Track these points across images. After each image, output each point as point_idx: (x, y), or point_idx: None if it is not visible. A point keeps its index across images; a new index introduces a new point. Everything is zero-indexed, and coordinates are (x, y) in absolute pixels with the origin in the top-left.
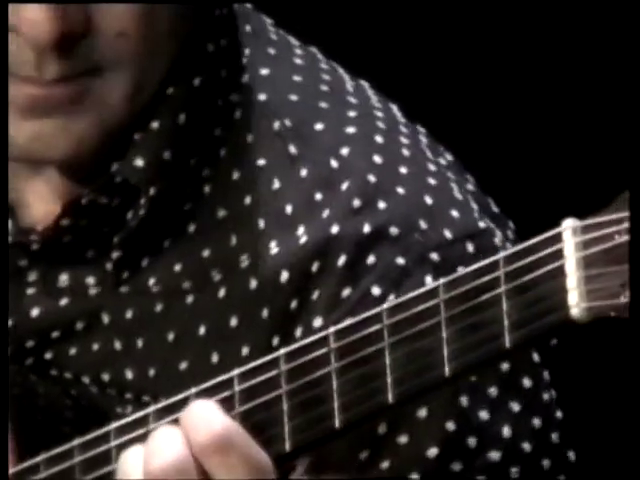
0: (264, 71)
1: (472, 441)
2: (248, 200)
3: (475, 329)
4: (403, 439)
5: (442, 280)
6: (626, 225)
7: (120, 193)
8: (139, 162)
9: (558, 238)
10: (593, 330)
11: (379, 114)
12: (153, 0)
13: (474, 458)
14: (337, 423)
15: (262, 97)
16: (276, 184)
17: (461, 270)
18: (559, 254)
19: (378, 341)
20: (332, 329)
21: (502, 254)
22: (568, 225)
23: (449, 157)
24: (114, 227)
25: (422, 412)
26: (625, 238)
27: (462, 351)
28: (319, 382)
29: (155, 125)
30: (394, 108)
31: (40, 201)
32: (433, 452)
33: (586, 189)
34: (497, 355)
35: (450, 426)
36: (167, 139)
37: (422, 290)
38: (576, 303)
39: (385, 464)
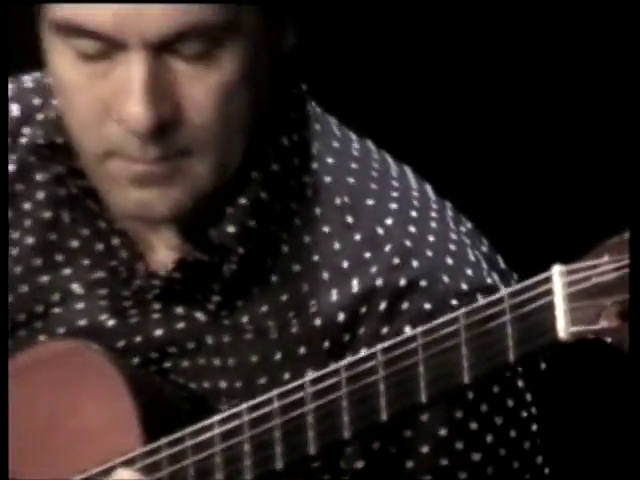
0: (329, 160)
1: (459, 445)
2: (316, 258)
3: (486, 347)
4: (408, 433)
5: (462, 310)
6: (601, 269)
7: (217, 252)
8: (230, 229)
9: (549, 279)
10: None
11: (415, 194)
12: None
13: (459, 458)
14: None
15: (327, 180)
16: (336, 246)
17: (475, 304)
18: (549, 291)
19: (413, 355)
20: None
21: (506, 290)
22: (556, 269)
23: (468, 225)
24: (214, 277)
25: (424, 417)
26: (599, 279)
27: (477, 364)
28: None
29: (242, 201)
30: (428, 188)
31: (164, 248)
32: (425, 449)
33: (571, 237)
34: (503, 367)
35: (443, 432)
36: (252, 212)
37: (447, 318)
38: (563, 328)
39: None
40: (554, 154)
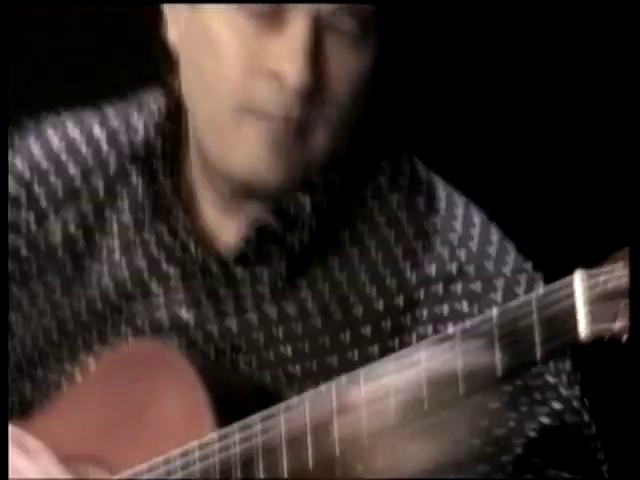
0: (384, 175)
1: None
2: (373, 246)
3: (515, 344)
4: None
5: (494, 311)
6: (617, 274)
7: (290, 222)
8: (306, 201)
9: (571, 283)
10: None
11: (458, 198)
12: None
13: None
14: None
15: (385, 185)
16: (392, 237)
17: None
18: (571, 294)
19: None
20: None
21: (534, 294)
22: (577, 274)
23: (499, 234)
24: (283, 255)
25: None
26: (616, 283)
27: (507, 361)
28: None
29: (319, 182)
30: (464, 198)
31: (232, 226)
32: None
33: (591, 245)
34: (530, 364)
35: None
36: (326, 193)
37: (481, 318)
38: (584, 328)
39: None
40: (576, 160)
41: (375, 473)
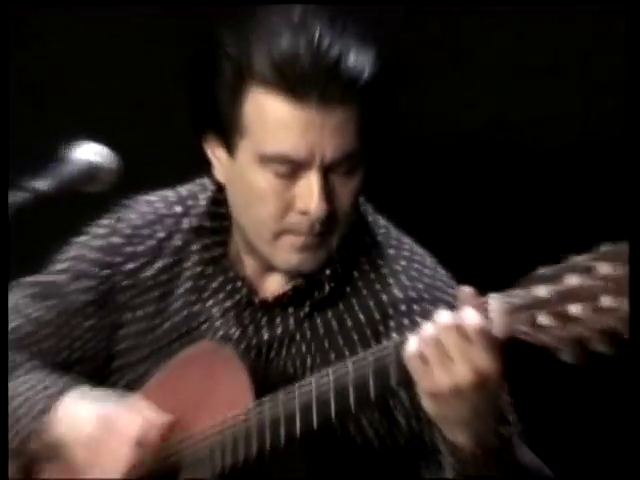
0: (374, 250)
1: None
2: (377, 286)
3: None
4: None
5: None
6: (522, 294)
7: (313, 283)
8: (327, 272)
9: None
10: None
11: (417, 250)
12: None
13: None
14: None
15: (374, 250)
16: (372, 276)
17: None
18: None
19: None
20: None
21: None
22: (492, 295)
23: (444, 272)
24: (308, 298)
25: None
26: (520, 302)
27: None
28: None
29: (337, 257)
30: (442, 276)
31: (272, 284)
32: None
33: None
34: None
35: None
36: (339, 262)
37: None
38: (497, 329)
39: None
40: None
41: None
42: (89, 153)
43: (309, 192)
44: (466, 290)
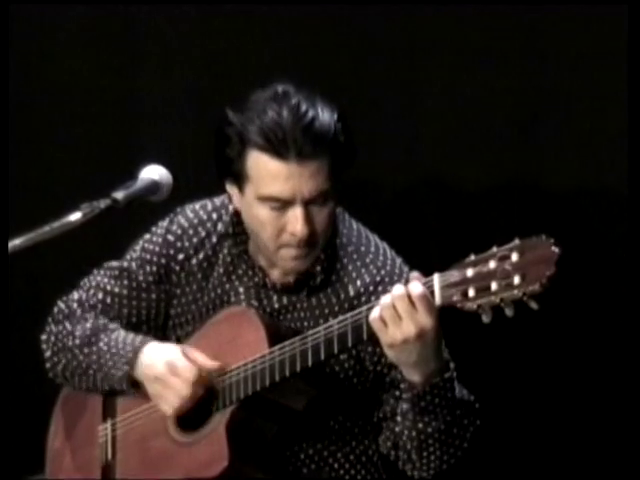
0: (343, 239)
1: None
2: (344, 278)
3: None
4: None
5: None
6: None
7: (310, 277)
8: (318, 268)
9: (431, 281)
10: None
11: (381, 249)
12: None
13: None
14: None
15: (348, 249)
16: (350, 269)
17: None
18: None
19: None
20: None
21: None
22: (436, 274)
23: (400, 261)
24: (304, 286)
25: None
26: (455, 279)
27: None
28: None
29: (322, 257)
30: (397, 263)
31: (279, 275)
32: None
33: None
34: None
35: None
36: (325, 262)
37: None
38: (438, 304)
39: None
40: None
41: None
42: (153, 173)
43: (295, 220)
44: (414, 273)
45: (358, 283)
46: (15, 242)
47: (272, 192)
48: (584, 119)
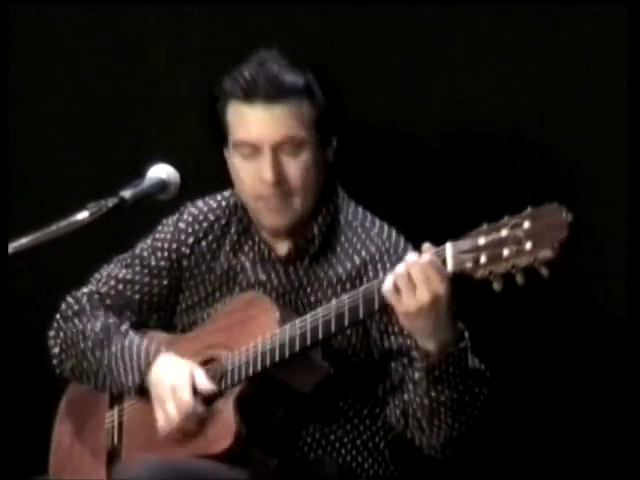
0: (348, 215)
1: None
2: (348, 249)
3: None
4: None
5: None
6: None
7: (309, 243)
8: (316, 231)
9: (443, 250)
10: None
11: (383, 225)
12: None
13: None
14: None
15: (348, 218)
16: (355, 240)
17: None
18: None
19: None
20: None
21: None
22: (448, 243)
23: (409, 246)
24: (305, 254)
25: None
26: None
27: None
28: None
29: (320, 221)
30: (401, 238)
31: (281, 247)
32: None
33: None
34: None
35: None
36: (324, 226)
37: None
38: (450, 271)
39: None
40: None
41: None
42: (161, 171)
43: (264, 165)
44: (427, 244)
45: (363, 253)
46: (22, 241)
47: (242, 137)
48: (584, 119)
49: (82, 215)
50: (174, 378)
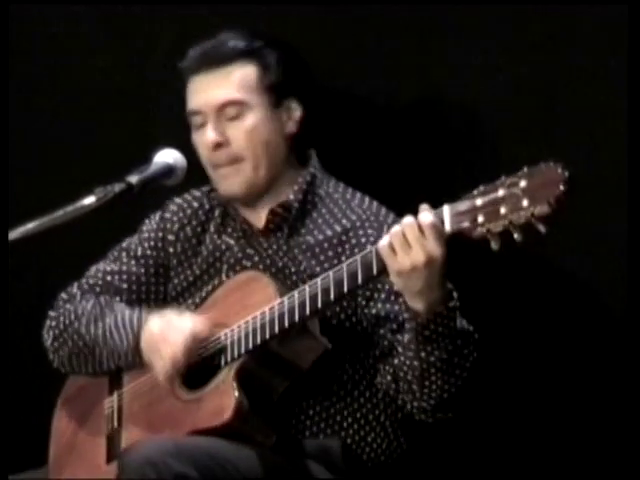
0: (329, 189)
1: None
2: (328, 219)
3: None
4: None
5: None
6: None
7: (286, 209)
8: (292, 197)
9: (441, 211)
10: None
11: (363, 196)
12: None
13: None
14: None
15: (326, 189)
16: (335, 210)
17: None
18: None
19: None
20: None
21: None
22: (445, 205)
23: (391, 214)
24: (284, 223)
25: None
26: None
27: None
28: None
29: (296, 188)
30: (382, 207)
31: (259, 219)
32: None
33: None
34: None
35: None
36: (300, 193)
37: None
38: (448, 231)
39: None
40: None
41: None
42: (168, 156)
43: (209, 130)
44: (424, 205)
45: (344, 221)
46: (29, 226)
47: (190, 107)
48: (583, 120)
49: (89, 200)
50: (164, 327)
